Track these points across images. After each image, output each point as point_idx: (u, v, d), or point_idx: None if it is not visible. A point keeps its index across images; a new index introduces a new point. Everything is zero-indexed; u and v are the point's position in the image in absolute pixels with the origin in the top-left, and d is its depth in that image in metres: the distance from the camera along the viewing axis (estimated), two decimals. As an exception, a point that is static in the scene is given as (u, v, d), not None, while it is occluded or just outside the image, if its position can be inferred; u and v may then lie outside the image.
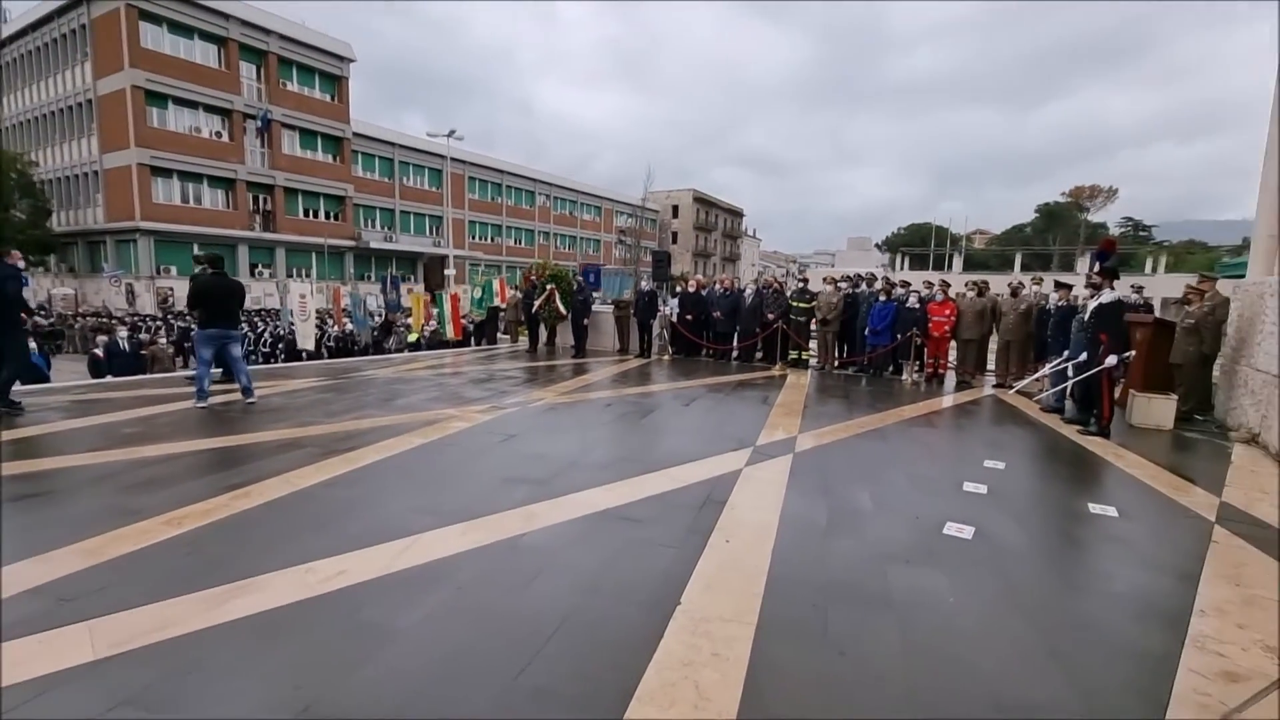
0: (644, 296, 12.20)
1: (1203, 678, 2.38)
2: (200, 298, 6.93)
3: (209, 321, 6.91)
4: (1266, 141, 7.57)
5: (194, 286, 7.06)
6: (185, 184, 29.80)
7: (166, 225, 28.65)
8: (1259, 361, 6.58)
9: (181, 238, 29.12)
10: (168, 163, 28.75)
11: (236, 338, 7.25)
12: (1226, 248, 45.96)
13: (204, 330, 6.91)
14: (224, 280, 7.13)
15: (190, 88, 29.05)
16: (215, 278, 7.05)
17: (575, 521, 3.81)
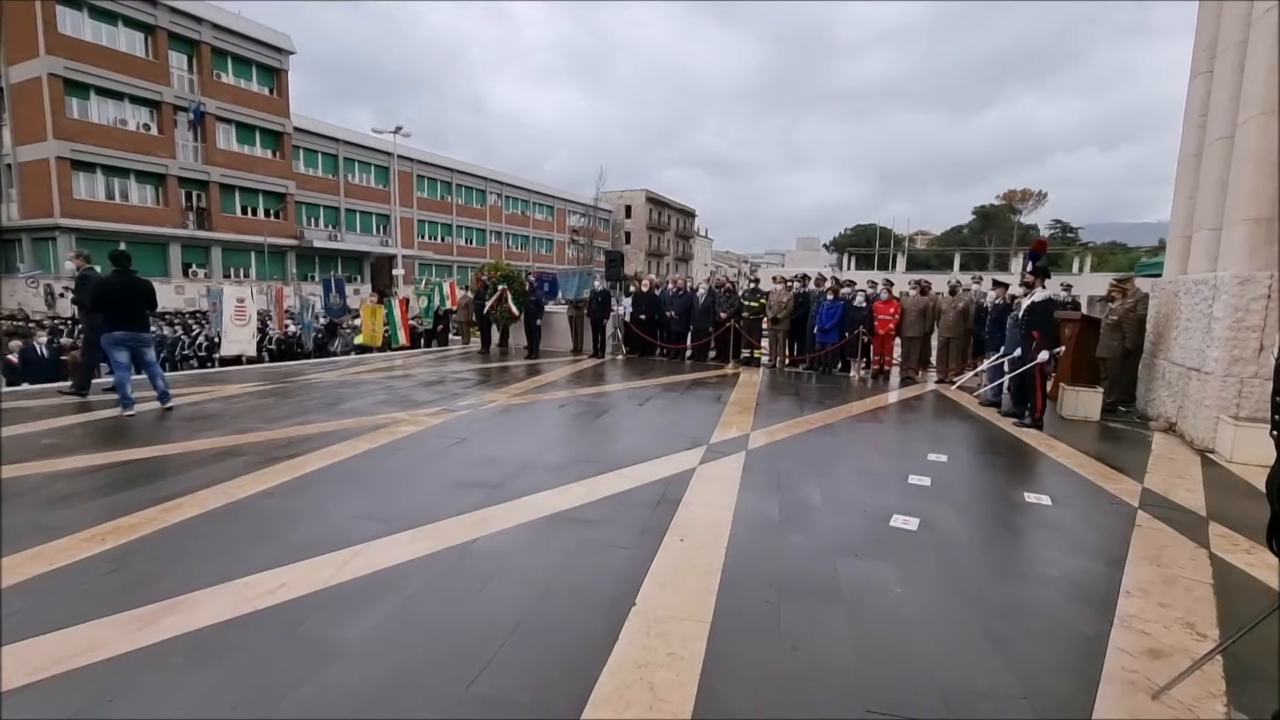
0: (597, 296, 12.16)
1: (1130, 655, 2.51)
2: (104, 299, 6.49)
3: (115, 325, 6.50)
4: (1180, 149, 8.07)
5: (96, 287, 6.59)
6: (110, 179, 28.12)
7: (89, 223, 26.97)
8: (1175, 355, 7.01)
9: (106, 236, 27.42)
10: (90, 156, 27.07)
11: (148, 341, 6.84)
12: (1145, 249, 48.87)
13: (112, 334, 6.50)
14: (130, 280, 6.65)
15: (115, 77, 27.42)
16: (120, 277, 6.58)
17: (528, 525, 3.75)
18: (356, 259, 37.40)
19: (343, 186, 37.50)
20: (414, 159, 40.76)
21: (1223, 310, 6.02)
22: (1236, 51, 6.50)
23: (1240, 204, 6.12)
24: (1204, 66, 7.49)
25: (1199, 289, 6.58)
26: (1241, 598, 3.04)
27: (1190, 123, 7.82)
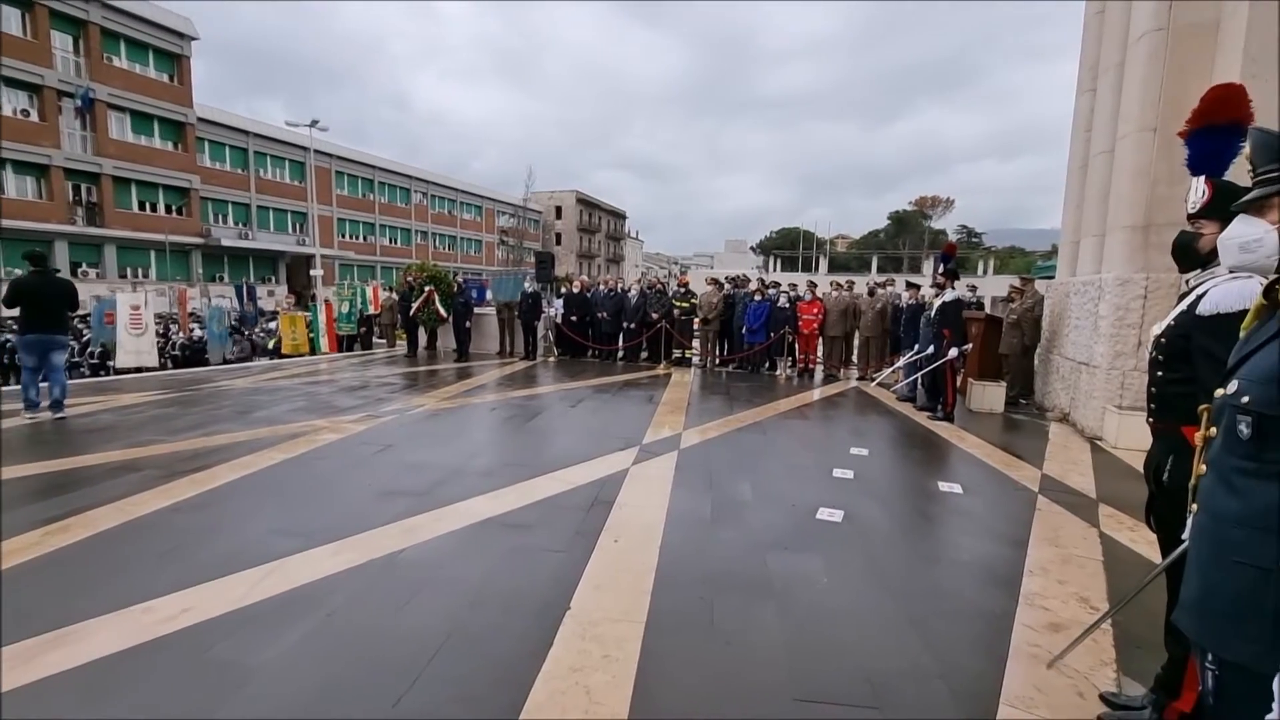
0: (528, 298, 12.00)
1: (1033, 630, 2.70)
2: (19, 299, 6.28)
3: (29, 326, 6.33)
4: (1068, 161, 8.77)
5: (12, 287, 6.34)
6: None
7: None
8: (1067, 351, 7.61)
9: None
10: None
11: (62, 344, 6.63)
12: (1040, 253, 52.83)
13: (24, 336, 6.34)
14: (48, 279, 6.50)
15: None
16: (37, 277, 6.41)
17: (458, 533, 3.65)
18: (270, 259, 35.30)
19: (254, 182, 35.28)
20: (333, 154, 38.89)
21: (1107, 309, 6.58)
22: (1115, 73, 7.12)
23: (1120, 212, 6.71)
24: (1088, 85, 8.17)
25: (1086, 290, 7.17)
26: (1127, 571, 3.33)
27: (1077, 137, 8.52)
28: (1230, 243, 1.22)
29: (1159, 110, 6.29)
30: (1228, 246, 1.23)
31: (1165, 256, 6.26)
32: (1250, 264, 1.20)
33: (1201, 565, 1.27)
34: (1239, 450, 1.19)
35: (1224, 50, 5.92)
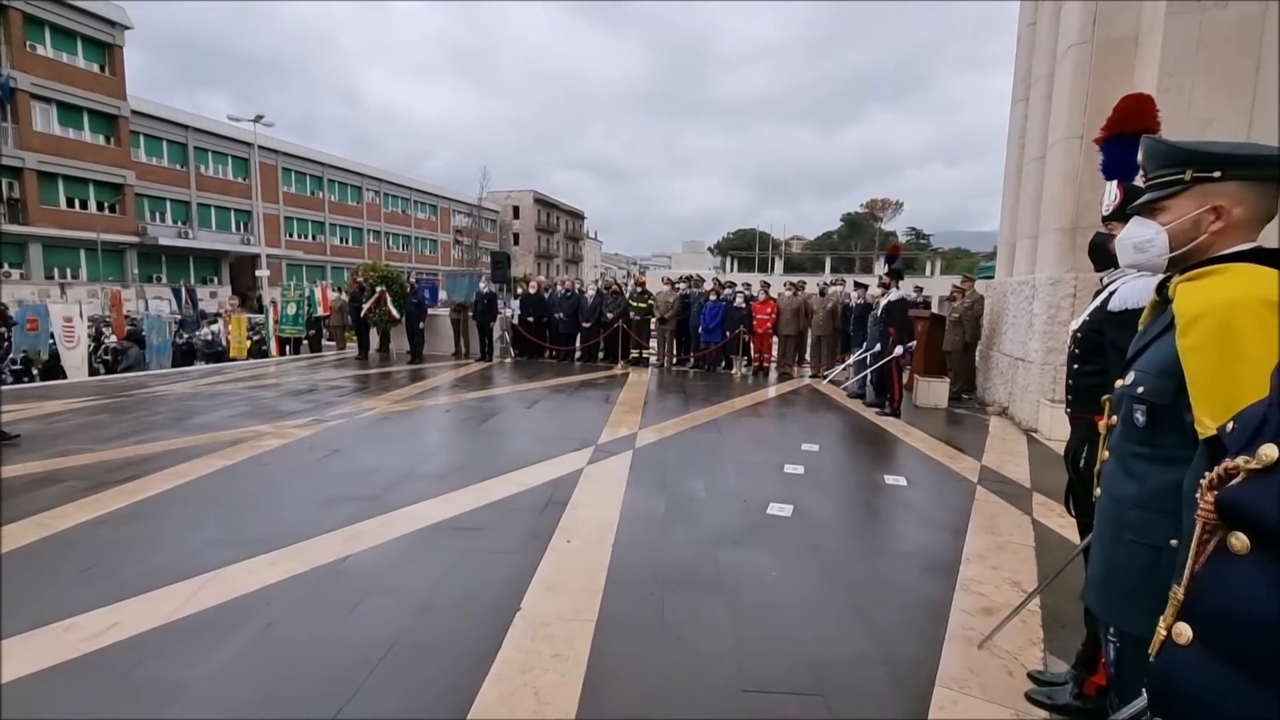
0: (483, 298, 11.85)
1: (968, 614, 2.82)
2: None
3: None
4: (1005, 167, 9.16)
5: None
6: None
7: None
8: (1005, 347, 7.94)
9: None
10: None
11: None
12: (983, 254, 54.96)
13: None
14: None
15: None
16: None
17: (407, 538, 3.59)
18: (212, 259, 33.84)
19: (194, 178, 33.74)
20: (279, 150, 37.59)
21: (1040, 307, 6.89)
22: (1046, 83, 7.47)
23: (1051, 215, 7.04)
24: (1022, 95, 8.55)
25: (1022, 289, 7.50)
26: (1056, 556, 3.49)
27: (1012, 144, 8.90)
28: (1126, 243, 1.30)
29: (1085, 118, 6.61)
30: (1124, 247, 1.31)
31: (1093, 257, 6.62)
32: (1143, 263, 1.29)
33: (1104, 545, 1.35)
34: (1135, 437, 1.27)
35: (1142, 63, 6.27)
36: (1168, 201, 1.22)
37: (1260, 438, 0.55)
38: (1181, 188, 1.18)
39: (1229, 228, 1.16)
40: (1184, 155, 1.18)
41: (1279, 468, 0.54)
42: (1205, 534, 0.57)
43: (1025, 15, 8.77)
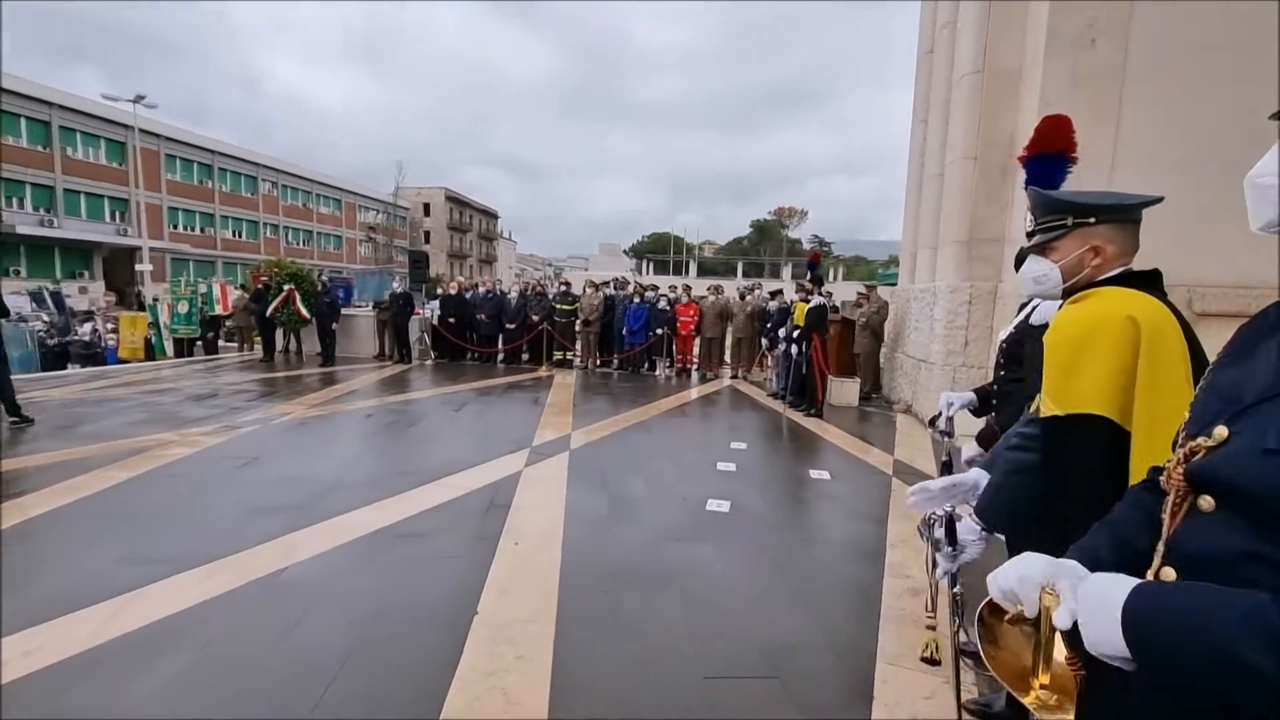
0: (399, 299, 11.43)
1: (898, 596, 3.09)
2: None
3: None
4: (907, 182, 9.91)
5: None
6: None
7: None
8: (909, 350, 8.59)
9: None
10: None
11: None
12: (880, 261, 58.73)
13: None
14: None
15: None
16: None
17: (346, 546, 3.47)
18: (83, 251, 30.40)
19: (59, 161, 30.15)
20: (162, 135, 34.37)
21: (940, 313, 7.51)
22: (943, 107, 8.15)
23: (949, 229, 7.69)
24: (922, 115, 9.27)
25: (924, 296, 8.14)
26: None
27: (914, 161, 9.64)
28: (1027, 277, 1.56)
29: (978, 141, 7.29)
30: (1025, 280, 1.57)
31: (986, 267, 7.27)
32: (1042, 293, 1.57)
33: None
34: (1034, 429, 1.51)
35: (1026, 94, 6.99)
36: (1056, 243, 1.47)
37: (1213, 422, 0.73)
38: (1065, 231, 1.44)
39: (1105, 262, 1.44)
40: (1065, 206, 1.45)
41: (1230, 442, 0.70)
42: (1178, 499, 0.74)
43: (924, 43, 9.52)
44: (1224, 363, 0.81)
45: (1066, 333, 1.39)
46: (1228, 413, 0.73)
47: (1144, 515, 0.81)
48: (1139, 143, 5.93)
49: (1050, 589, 0.71)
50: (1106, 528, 0.86)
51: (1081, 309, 1.41)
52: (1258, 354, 0.76)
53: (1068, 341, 1.37)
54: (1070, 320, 1.40)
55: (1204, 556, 0.67)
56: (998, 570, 0.79)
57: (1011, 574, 0.76)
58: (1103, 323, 1.33)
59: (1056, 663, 0.75)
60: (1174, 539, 0.72)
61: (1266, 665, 0.56)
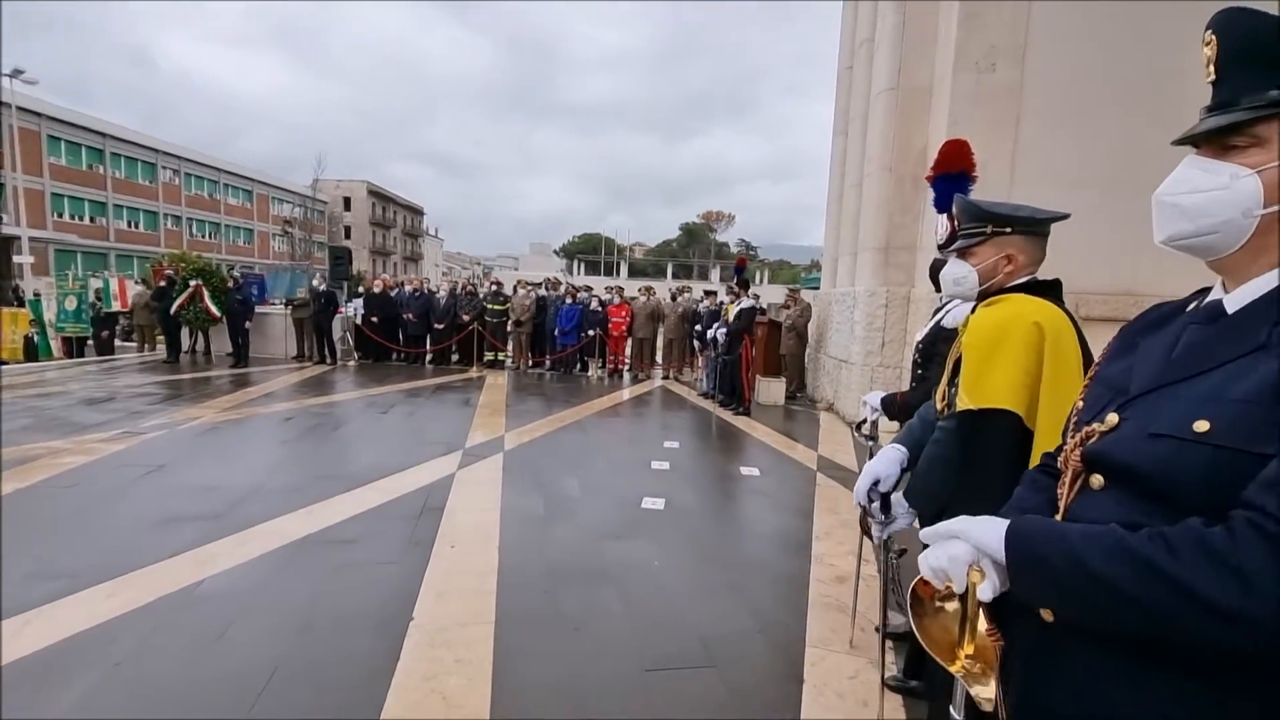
0: (320, 296, 10.94)
1: (824, 584, 3.26)
2: None
3: None
4: (828, 190, 10.37)
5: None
6: None
7: None
8: (831, 350, 9.00)
9: None
10: None
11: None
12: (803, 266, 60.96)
13: None
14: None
15: None
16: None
17: (269, 556, 3.33)
18: (-59, 239, 27.28)
19: (-87, 138, 26.95)
20: (43, 114, 31.26)
21: (860, 316, 7.92)
22: (861, 120, 8.59)
23: (867, 236, 8.12)
24: (842, 128, 9.73)
25: (844, 299, 8.56)
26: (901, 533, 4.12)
27: (834, 171, 10.10)
28: (948, 278, 1.72)
29: (893, 154, 7.73)
30: (945, 281, 1.73)
31: (900, 273, 7.71)
32: (960, 294, 1.73)
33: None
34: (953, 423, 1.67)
35: (935, 111, 7.48)
36: (975, 248, 1.63)
37: (1104, 410, 0.84)
38: (984, 238, 1.60)
39: (1016, 269, 1.61)
40: (985, 214, 1.60)
41: (1120, 427, 0.81)
42: (1074, 478, 0.85)
43: (844, 59, 10.00)
44: (1112, 357, 0.94)
45: (981, 334, 1.54)
46: (1118, 401, 0.84)
47: (1042, 496, 0.92)
48: (1033, 159, 6.47)
49: (977, 566, 0.80)
50: (1013, 511, 0.97)
51: (994, 312, 1.56)
52: (1140, 350, 0.87)
53: (982, 343, 1.52)
54: (984, 323, 1.56)
55: None
56: (928, 551, 0.87)
57: (942, 554, 0.84)
58: (1012, 326, 1.49)
59: (980, 635, 0.84)
60: (1070, 513, 0.84)
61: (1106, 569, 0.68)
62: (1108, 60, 6.28)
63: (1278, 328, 0.71)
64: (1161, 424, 0.76)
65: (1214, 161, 0.77)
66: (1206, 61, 0.78)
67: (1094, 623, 0.75)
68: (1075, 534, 0.74)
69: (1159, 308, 0.93)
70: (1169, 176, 0.82)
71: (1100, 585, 0.69)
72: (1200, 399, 0.74)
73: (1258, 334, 0.73)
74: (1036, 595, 0.79)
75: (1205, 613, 0.62)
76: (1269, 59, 0.72)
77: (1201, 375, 0.76)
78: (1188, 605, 0.63)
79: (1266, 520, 0.60)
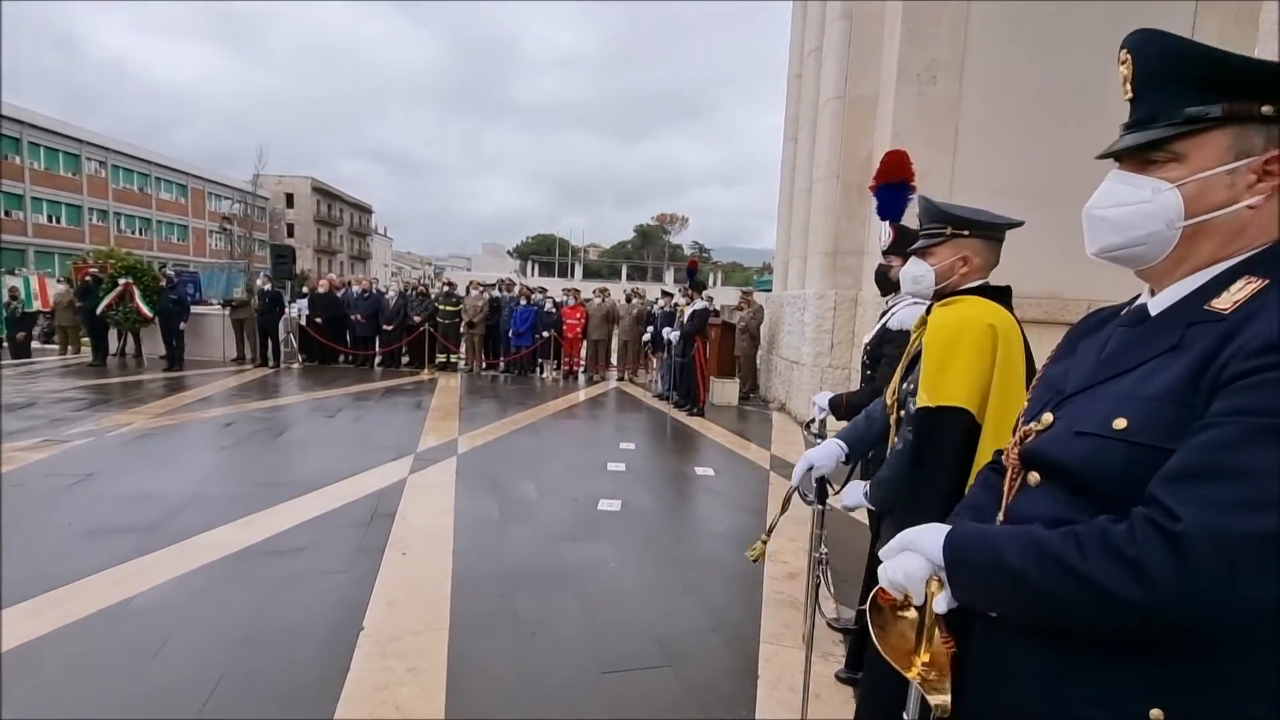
0: (265, 296, 10.52)
1: (777, 580, 3.33)
2: None
3: None
4: (779, 195, 10.60)
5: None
6: None
7: None
8: (783, 352, 9.20)
9: None
10: None
11: None
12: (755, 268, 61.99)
13: None
14: None
15: None
16: None
17: (208, 567, 3.19)
18: None
19: None
20: (-55, 98, 29.01)
21: (810, 318, 8.12)
22: (810, 128, 8.81)
23: (816, 240, 8.33)
24: (791, 135, 9.97)
25: (795, 302, 8.75)
26: (837, 524, 4.23)
27: (785, 176, 10.33)
28: (907, 276, 1.78)
29: (840, 161, 7.96)
30: (906, 278, 1.79)
31: (848, 277, 7.94)
32: (918, 292, 1.78)
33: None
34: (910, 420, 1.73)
35: (880, 121, 7.74)
36: (934, 249, 1.69)
37: (1041, 410, 0.90)
38: (943, 239, 1.66)
39: (971, 271, 1.67)
40: (945, 216, 1.67)
41: (1053, 427, 0.86)
42: (1013, 476, 0.90)
43: (793, 67, 10.24)
44: (1055, 359, 0.99)
45: (939, 335, 1.60)
46: (1053, 401, 0.89)
47: (992, 492, 0.97)
48: (970, 169, 6.76)
49: (936, 578, 0.84)
50: (968, 509, 1.01)
51: (951, 313, 1.63)
52: (1079, 352, 0.93)
53: (940, 343, 1.59)
54: (942, 323, 1.62)
55: (1030, 523, 0.83)
56: (887, 565, 0.90)
57: (900, 569, 0.87)
58: (968, 328, 1.56)
59: (935, 643, 0.88)
60: (1010, 509, 0.89)
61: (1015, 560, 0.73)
62: (1038, 75, 6.61)
63: (1190, 329, 0.75)
64: (1087, 422, 0.80)
65: (1137, 176, 0.81)
66: (1123, 80, 0.82)
67: (1018, 617, 0.80)
68: (999, 536, 0.79)
69: (1099, 312, 0.98)
70: (1097, 190, 0.86)
71: (1017, 582, 0.74)
72: (1120, 397, 0.78)
73: (1173, 335, 0.77)
74: (972, 597, 0.83)
75: (1109, 605, 0.67)
76: (1182, 78, 0.76)
77: (1123, 375, 0.80)
78: (1094, 598, 0.68)
79: (1163, 517, 0.65)
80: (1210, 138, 0.75)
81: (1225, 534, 0.62)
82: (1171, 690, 0.71)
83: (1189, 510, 0.64)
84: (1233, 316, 0.72)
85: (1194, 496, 0.64)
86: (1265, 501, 0.62)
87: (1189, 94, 0.76)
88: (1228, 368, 0.68)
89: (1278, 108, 0.72)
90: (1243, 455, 0.64)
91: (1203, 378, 0.70)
